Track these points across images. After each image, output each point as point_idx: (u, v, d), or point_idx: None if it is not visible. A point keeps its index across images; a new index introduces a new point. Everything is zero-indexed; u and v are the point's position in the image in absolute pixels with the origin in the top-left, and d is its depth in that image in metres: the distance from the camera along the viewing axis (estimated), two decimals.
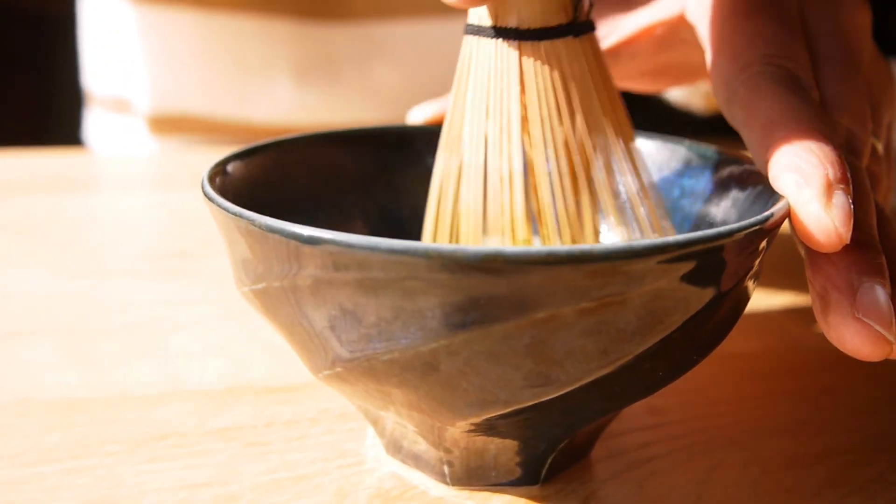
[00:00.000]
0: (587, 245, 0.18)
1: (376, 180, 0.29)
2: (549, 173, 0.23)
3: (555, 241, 0.23)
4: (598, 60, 0.24)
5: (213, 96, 0.62)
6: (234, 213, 0.20)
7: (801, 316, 0.35)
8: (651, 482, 0.25)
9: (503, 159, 0.23)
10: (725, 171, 0.26)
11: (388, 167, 0.29)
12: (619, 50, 0.31)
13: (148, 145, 0.63)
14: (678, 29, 0.29)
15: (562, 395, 0.20)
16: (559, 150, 0.23)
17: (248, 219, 0.20)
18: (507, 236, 0.24)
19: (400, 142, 0.30)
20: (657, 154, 0.28)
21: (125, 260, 0.41)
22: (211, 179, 0.23)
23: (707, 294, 0.20)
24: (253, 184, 0.25)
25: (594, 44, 0.24)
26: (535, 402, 0.20)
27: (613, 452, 0.26)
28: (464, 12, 0.24)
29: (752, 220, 0.20)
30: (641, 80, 0.33)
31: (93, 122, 0.67)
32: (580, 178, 0.23)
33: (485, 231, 0.24)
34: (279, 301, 0.20)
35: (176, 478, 0.24)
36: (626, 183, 0.24)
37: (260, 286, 0.21)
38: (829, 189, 0.21)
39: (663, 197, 0.28)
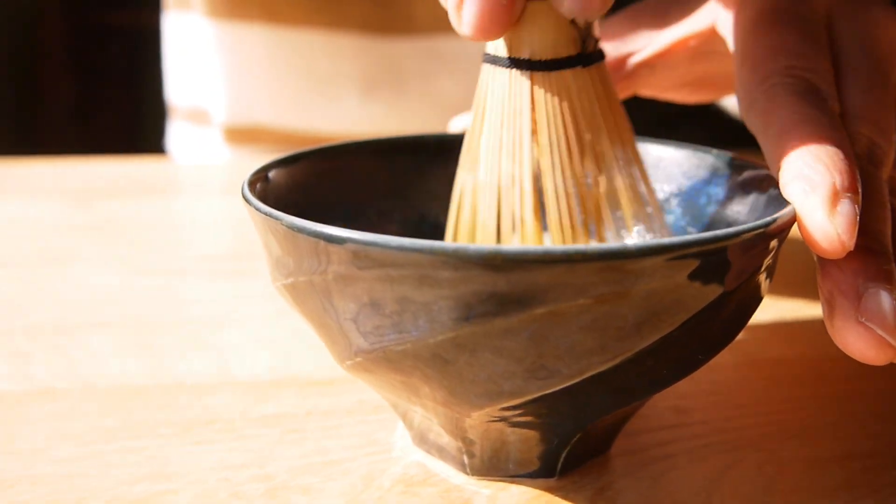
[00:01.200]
0: (583, 245, 0.19)
1: (415, 186, 0.31)
2: (557, 189, 0.24)
3: None
4: (605, 88, 0.25)
5: (283, 108, 0.64)
6: (268, 215, 0.22)
7: None
8: (666, 478, 0.25)
9: (515, 179, 0.24)
10: (747, 178, 0.27)
11: (426, 174, 0.31)
12: (656, 62, 0.32)
13: (223, 154, 0.67)
14: (711, 41, 0.30)
15: (567, 389, 0.21)
16: (566, 170, 0.24)
17: (279, 219, 0.22)
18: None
19: (438, 149, 0.31)
20: (686, 163, 0.29)
21: (191, 260, 0.44)
22: (251, 185, 0.25)
23: (709, 295, 0.21)
24: (295, 189, 0.27)
25: (602, 72, 0.25)
26: (540, 394, 0.21)
27: (632, 449, 0.27)
28: None
29: (754, 223, 0.21)
30: (681, 90, 0.34)
31: (174, 132, 0.71)
32: (586, 195, 0.24)
33: (499, 244, 0.25)
34: (307, 294, 0.22)
35: (218, 459, 0.26)
36: (631, 190, 0.25)
37: (290, 281, 0.22)
38: (834, 197, 0.21)
39: (692, 203, 0.29)
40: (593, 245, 0.19)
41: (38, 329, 0.35)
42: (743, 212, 0.26)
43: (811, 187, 0.22)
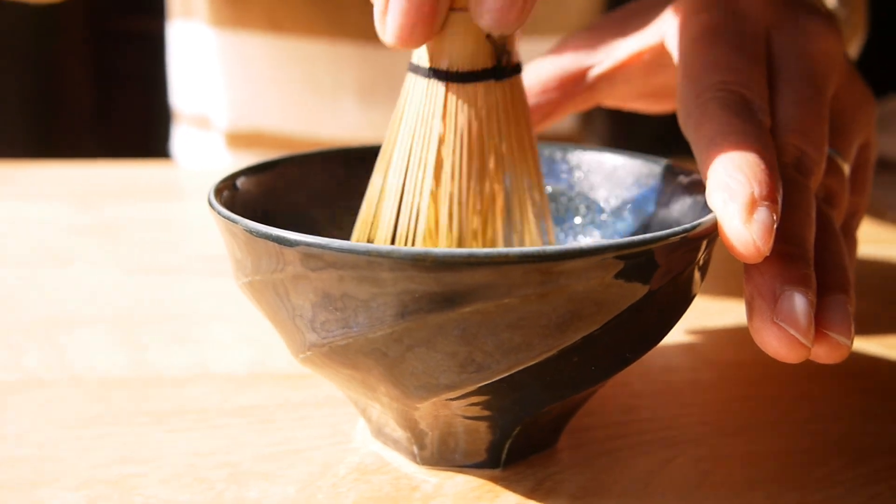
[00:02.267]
0: (505, 248, 0.20)
1: None
2: (453, 194, 0.25)
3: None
4: (515, 101, 0.26)
5: (284, 114, 0.66)
6: (228, 219, 0.24)
7: None
8: (607, 471, 0.27)
9: (417, 181, 0.26)
10: (690, 185, 0.28)
11: None
12: (615, 74, 0.33)
13: (225, 159, 0.69)
14: (663, 54, 0.31)
15: (500, 383, 0.23)
16: (464, 178, 0.25)
17: (237, 223, 0.23)
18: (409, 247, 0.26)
19: None
20: (638, 172, 0.31)
21: (185, 260, 0.46)
22: (218, 192, 0.26)
23: (633, 295, 0.22)
24: (265, 196, 0.29)
25: (516, 86, 0.26)
26: (474, 387, 0.23)
27: (578, 444, 0.28)
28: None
29: (676, 229, 0.22)
30: (640, 100, 0.35)
31: (179, 137, 0.73)
32: (485, 197, 0.26)
33: (393, 242, 0.26)
34: (264, 293, 0.24)
35: (190, 446, 0.28)
36: (523, 202, 0.27)
37: (249, 280, 0.24)
38: (752, 206, 0.23)
39: (641, 210, 0.30)
40: (517, 248, 0.20)
41: (33, 323, 0.37)
42: (685, 217, 0.28)
43: (730, 196, 0.23)
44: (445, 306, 0.21)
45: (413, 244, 0.26)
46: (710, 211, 0.24)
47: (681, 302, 0.24)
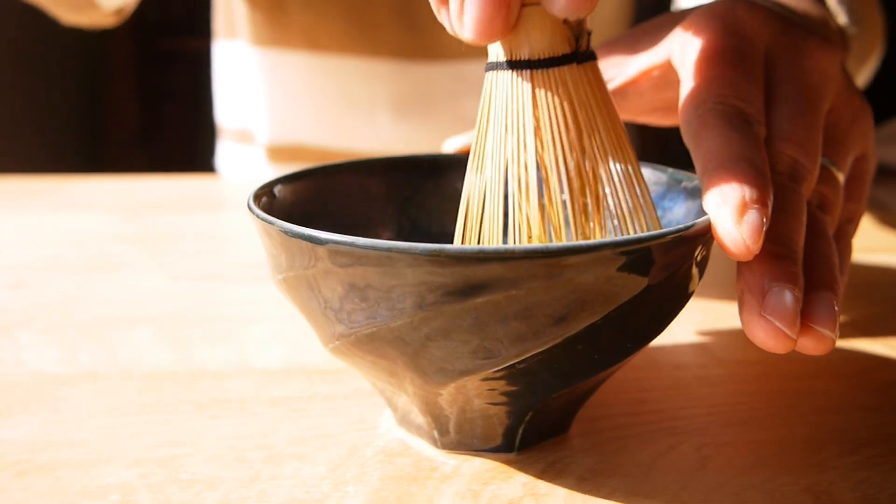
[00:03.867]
0: (512, 245, 0.23)
1: (410, 200, 0.35)
2: (560, 177, 0.26)
3: (563, 238, 0.27)
4: (598, 84, 0.27)
5: (322, 128, 0.69)
6: (266, 221, 0.26)
7: None
8: (614, 455, 0.29)
9: (521, 169, 0.26)
10: (691, 190, 0.30)
11: (420, 190, 0.35)
12: (627, 89, 0.35)
13: (266, 172, 0.72)
14: (669, 71, 0.33)
15: (510, 370, 0.25)
16: (568, 159, 0.26)
17: (273, 224, 0.26)
18: (524, 235, 0.27)
19: (431, 167, 0.35)
20: (646, 179, 0.33)
21: (226, 267, 0.48)
22: (257, 198, 0.29)
23: (633, 289, 0.24)
24: (300, 201, 0.32)
25: (595, 70, 0.27)
26: (487, 373, 0.25)
27: (589, 431, 0.30)
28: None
29: (673, 228, 0.24)
30: (652, 114, 0.37)
31: (222, 151, 0.77)
32: (587, 181, 0.27)
33: (506, 234, 0.27)
34: (297, 288, 0.26)
35: (229, 431, 0.31)
36: (622, 186, 0.27)
37: (283, 276, 0.27)
38: (742, 208, 0.25)
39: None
40: (523, 245, 0.23)
41: (86, 324, 0.40)
42: (687, 219, 0.30)
43: (723, 199, 0.25)
44: (459, 297, 0.23)
45: (528, 238, 0.27)
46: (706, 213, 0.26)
47: (678, 297, 0.26)
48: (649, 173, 0.33)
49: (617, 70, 0.35)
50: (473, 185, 0.28)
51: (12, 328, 0.39)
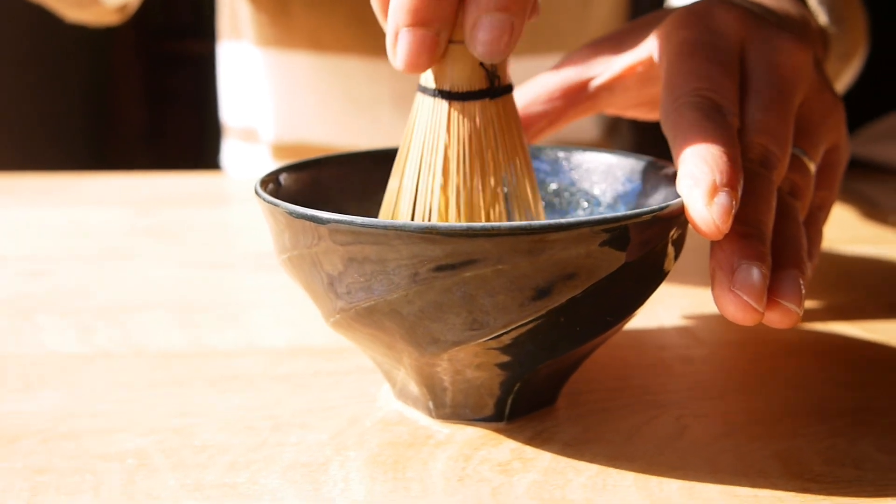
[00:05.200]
0: (498, 223, 0.25)
1: None
2: (459, 190, 0.30)
3: None
4: (507, 115, 0.30)
5: (326, 126, 0.72)
6: (272, 203, 0.28)
7: None
8: (597, 425, 0.31)
9: (428, 180, 0.30)
10: (670, 177, 0.32)
11: None
12: (613, 85, 0.37)
13: (270, 169, 0.74)
14: (652, 67, 0.35)
15: (497, 340, 0.27)
16: (468, 177, 0.30)
17: (278, 205, 0.28)
18: None
19: None
20: (629, 168, 0.35)
21: (233, 257, 0.51)
22: (264, 184, 0.31)
23: (611, 264, 0.26)
24: (304, 189, 0.34)
25: (508, 102, 0.30)
26: (476, 343, 0.27)
27: (575, 404, 0.32)
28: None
29: (648, 208, 0.26)
30: (638, 109, 0.39)
31: (227, 149, 0.79)
32: (486, 190, 0.30)
33: None
34: (300, 266, 0.28)
35: (238, 403, 0.33)
36: (518, 193, 0.31)
37: (287, 255, 0.29)
38: (713, 191, 0.27)
39: (631, 202, 0.34)
40: (508, 223, 0.25)
41: (101, 308, 0.42)
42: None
43: (695, 183, 0.27)
44: (449, 272, 0.25)
45: None
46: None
47: (655, 273, 0.28)
48: (631, 162, 0.35)
49: (603, 67, 0.37)
50: (391, 188, 0.31)
51: (32, 312, 0.41)
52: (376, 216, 0.35)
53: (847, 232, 0.55)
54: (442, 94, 0.30)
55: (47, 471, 0.28)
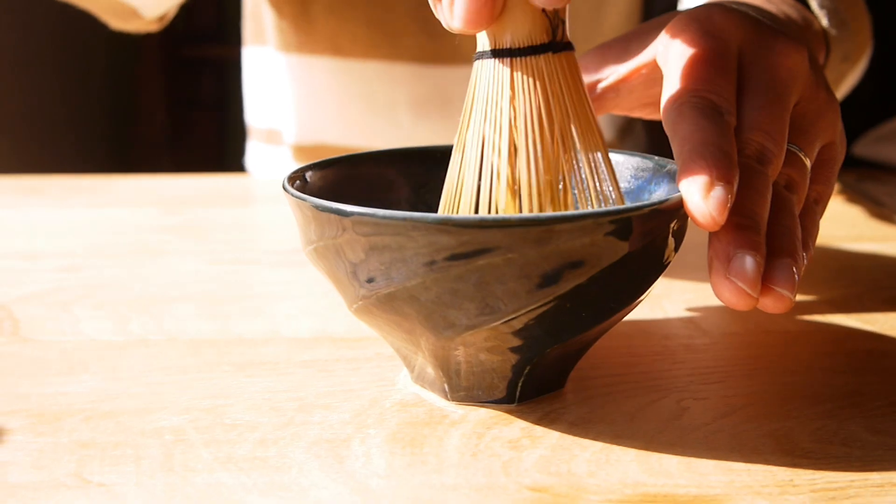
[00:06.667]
0: (508, 214, 0.27)
1: (425, 187, 0.39)
2: (529, 159, 0.29)
3: (530, 211, 0.30)
4: (572, 72, 0.30)
5: (346, 129, 0.74)
6: (299, 198, 0.31)
7: None
8: (602, 407, 0.33)
9: (494, 152, 0.30)
10: (673, 174, 0.34)
11: (434, 177, 0.39)
12: (619, 86, 0.39)
13: (295, 168, 0.76)
14: (656, 70, 0.37)
15: (508, 325, 0.29)
16: (537, 142, 0.29)
17: (306, 200, 0.30)
18: (494, 210, 0.30)
19: (444, 158, 0.39)
20: (635, 167, 0.37)
21: (259, 253, 0.53)
22: (291, 180, 0.33)
23: (615, 254, 0.28)
24: (328, 186, 0.36)
25: (570, 60, 0.30)
26: (488, 328, 0.29)
27: (582, 388, 0.34)
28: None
29: (650, 201, 0.28)
30: (644, 109, 0.41)
31: (251, 151, 0.81)
32: (552, 162, 0.30)
33: (478, 208, 0.30)
34: (325, 256, 0.31)
35: (265, 387, 0.35)
36: (591, 163, 0.31)
37: (313, 247, 0.31)
38: (710, 185, 0.29)
39: (638, 199, 0.36)
40: (518, 214, 0.27)
41: (134, 300, 0.44)
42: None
43: (693, 178, 0.29)
44: (464, 260, 0.27)
45: (497, 210, 0.30)
46: None
47: (656, 263, 0.30)
48: (637, 161, 0.37)
49: (611, 69, 0.39)
50: (454, 165, 0.32)
51: (70, 304, 0.44)
52: (397, 209, 0.38)
53: (852, 230, 0.57)
54: (502, 52, 0.29)
55: (91, 445, 0.30)
